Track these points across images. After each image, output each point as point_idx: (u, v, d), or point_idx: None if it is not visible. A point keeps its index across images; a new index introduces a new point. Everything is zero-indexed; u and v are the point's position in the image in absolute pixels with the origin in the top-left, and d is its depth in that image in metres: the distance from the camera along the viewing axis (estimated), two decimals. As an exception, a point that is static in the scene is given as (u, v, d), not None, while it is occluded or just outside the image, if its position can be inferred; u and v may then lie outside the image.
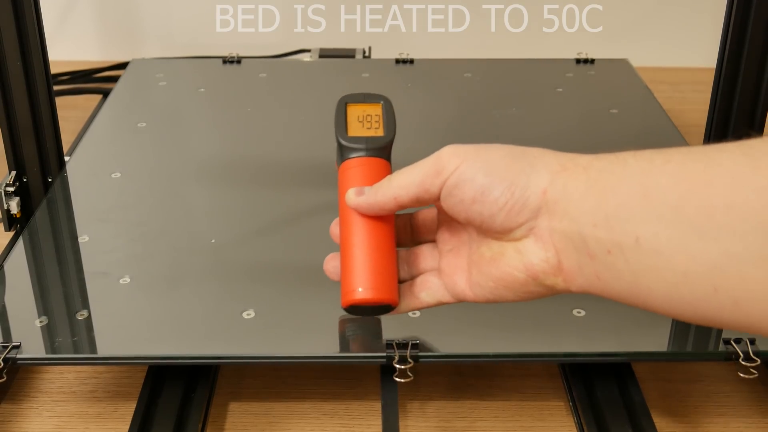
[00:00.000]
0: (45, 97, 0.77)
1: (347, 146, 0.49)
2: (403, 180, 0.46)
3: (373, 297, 0.45)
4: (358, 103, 0.52)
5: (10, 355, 0.58)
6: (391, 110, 0.52)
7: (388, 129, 0.50)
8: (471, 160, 0.44)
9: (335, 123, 0.50)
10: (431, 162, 0.45)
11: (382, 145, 0.49)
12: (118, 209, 0.76)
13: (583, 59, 1.04)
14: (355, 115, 0.51)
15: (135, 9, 1.25)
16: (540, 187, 0.42)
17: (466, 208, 0.43)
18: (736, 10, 0.73)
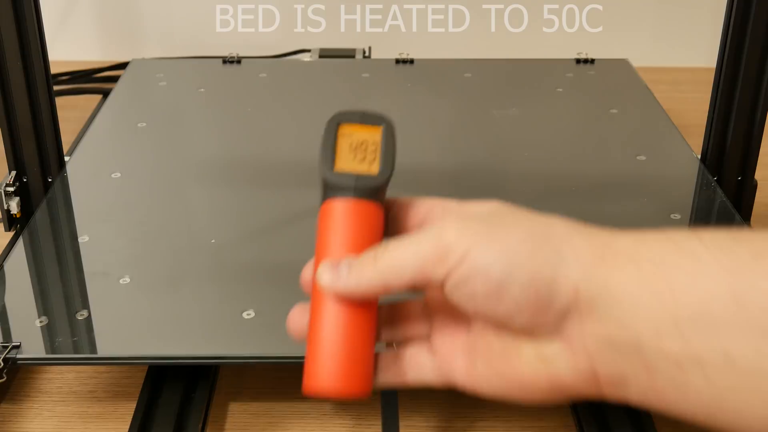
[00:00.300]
0: (45, 97, 0.77)
1: (331, 183, 0.40)
2: (396, 261, 0.37)
3: (339, 392, 0.38)
4: (354, 123, 0.41)
5: (10, 355, 0.58)
6: (392, 138, 0.41)
7: (385, 164, 0.40)
8: (483, 245, 0.35)
9: (321, 149, 0.41)
10: (432, 243, 0.36)
11: (375, 186, 0.40)
12: (118, 209, 0.76)
13: (583, 59, 1.04)
14: (348, 141, 0.41)
15: (135, 9, 1.25)
16: (570, 282, 0.34)
17: (476, 304, 0.36)
18: (736, 10, 0.73)
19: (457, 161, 0.84)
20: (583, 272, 0.34)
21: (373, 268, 0.37)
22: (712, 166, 0.80)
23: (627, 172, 0.81)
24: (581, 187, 0.79)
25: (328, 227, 0.41)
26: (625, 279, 0.34)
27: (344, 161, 0.40)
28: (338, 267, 0.38)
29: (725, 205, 0.75)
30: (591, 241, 0.36)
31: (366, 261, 0.38)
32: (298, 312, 0.41)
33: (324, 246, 0.41)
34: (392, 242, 0.37)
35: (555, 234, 0.36)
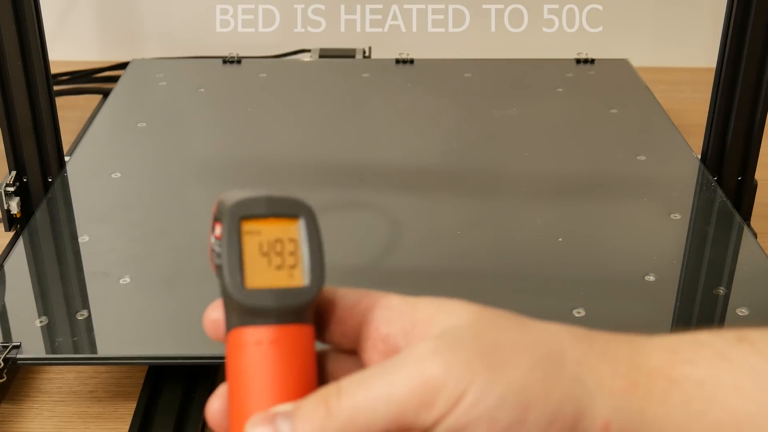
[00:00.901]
0: (45, 97, 0.77)
1: (244, 306, 0.29)
2: (361, 410, 0.27)
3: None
4: (260, 217, 0.30)
5: (10, 355, 0.58)
6: (315, 231, 0.31)
7: (312, 270, 0.30)
8: (483, 381, 0.27)
9: (223, 256, 0.30)
10: (412, 382, 0.27)
11: (303, 304, 0.30)
12: (118, 209, 0.76)
13: (583, 59, 1.04)
14: (256, 242, 0.30)
15: (135, 9, 1.24)
16: (599, 419, 0.28)
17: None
18: (736, 10, 0.73)
19: (456, 161, 0.84)
20: (613, 405, 0.28)
21: (328, 422, 0.28)
22: (712, 166, 0.80)
23: (627, 172, 0.81)
24: (581, 187, 0.79)
25: (245, 367, 0.30)
26: (668, 408, 0.28)
27: (257, 272, 0.29)
28: (275, 422, 0.28)
29: (725, 205, 0.75)
30: (615, 362, 0.29)
31: (316, 412, 0.28)
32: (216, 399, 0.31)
33: (242, 392, 0.30)
34: (351, 382, 0.28)
35: (567, 355, 0.29)
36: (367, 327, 0.32)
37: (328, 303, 0.32)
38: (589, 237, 0.72)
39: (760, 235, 0.74)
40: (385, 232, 0.72)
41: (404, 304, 0.31)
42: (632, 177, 0.80)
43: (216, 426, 0.31)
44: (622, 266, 0.68)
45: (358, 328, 0.32)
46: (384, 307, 0.32)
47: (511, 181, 0.80)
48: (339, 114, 0.93)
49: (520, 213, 0.75)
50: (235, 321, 0.30)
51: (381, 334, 0.31)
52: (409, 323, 0.31)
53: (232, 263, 0.29)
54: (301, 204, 0.31)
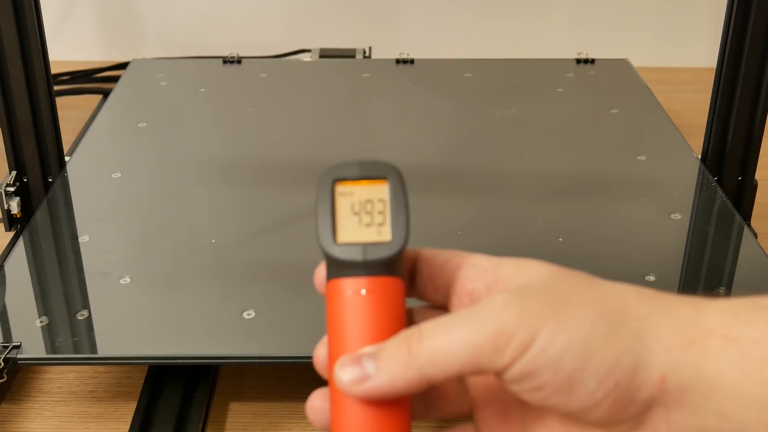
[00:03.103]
0: (45, 97, 0.77)
1: (336, 259, 0.33)
2: (440, 351, 0.30)
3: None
4: (351, 180, 0.34)
5: (10, 355, 0.58)
6: (402, 192, 0.33)
7: (396, 227, 0.33)
8: (550, 330, 0.30)
9: (317, 215, 0.34)
10: (488, 328, 0.30)
11: (389, 257, 0.32)
12: (118, 209, 0.76)
13: (583, 59, 1.04)
14: (348, 203, 0.33)
15: (135, 9, 1.25)
16: (656, 372, 0.30)
17: (543, 398, 0.31)
18: (736, 10, 0.73)
19: (457, 161, 0.84)
20: (670, 358, 0.30)
21: (409, 361, 0.30)
22: (712, 166, 0.80)
23: (627, 172, 0.81)
24: (581, 187, 0.79)
25: (340, 315, 0.33)
26: (723, 364, 0.29)
27: (347, 229, 0.33)
28: (361, 362, 0.31)
29: (725, 205, 0.75)
30: (675, 320, 0.31)
31: (398, 352, 0.31)
32: (317, 399, 0.35)
33: (337, 337, 0.33)
34: (431, 326, 0.31)
35: (631, 312, 0.31)
36: (455, 283, 0.35)
37: (422, 262, 0.36)
38: (589, 237, 0.72)
39: (760, 235, 0.75)
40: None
41: (489, 263, 0.35)
42: (632, 177, 0.80)
43: (321, 371, 0.36)
44: (622, 266, 0.68)
45: (448, 285, 0.35)
46: (471, 265, 0.35)
47: (511, 180, 0.80)
48: (339, 114, 0.93)
49: (521, 213, 0.75)
50: (332, 273, 0.34)
51: (467, 289, 0.35)
52: (492, 279, 0.34)
53: (325, 221, 0.33)
54: (389, 167, 0.33)
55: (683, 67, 1.24)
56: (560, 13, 1.24)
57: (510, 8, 1.23)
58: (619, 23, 1.24)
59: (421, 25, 1.24)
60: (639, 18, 1.24)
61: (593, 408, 0.30)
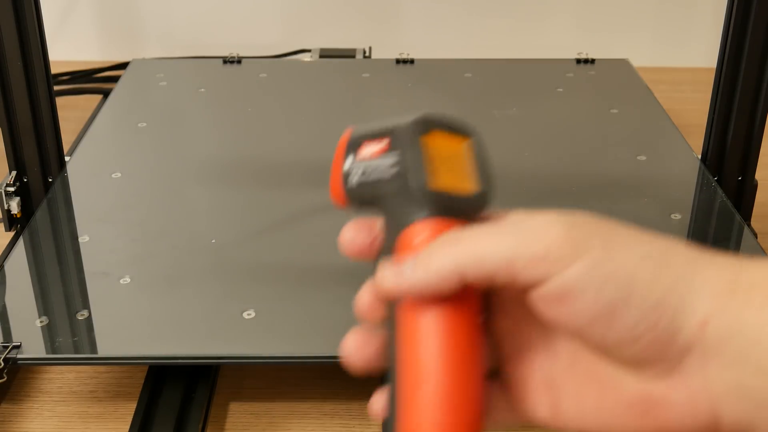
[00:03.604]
0: (45, 97, 0.77)
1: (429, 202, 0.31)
2: (480, 246, 0.30)
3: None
4: (443, 131, 0.33)
5: (10, 355, 0.58)
6: (482, 147, 0.35)
7: (484, 180, 0.34)
8: (597, 254, 0.29)
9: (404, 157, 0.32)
10: (531, 236, 0.29)
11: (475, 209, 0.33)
12: (118, 209, 0.76)
13: (583, 59, 1.04)
14: (437, 153, 0.33)
15: (135, 9, 1.25)
16: (698, 315, 0.29)
17: (577, 325, 0.30)
18: (736, 10, 0.73)
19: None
20: (714, 305, 0.29)
21: (446, 253, 0.30)
22: (712, 166, 0.80)
23: (627, 172, 0.81)
24: (581, 187, 0.79)
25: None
26: (764, 318, 0.28)
27: (439, 177, 0.32)
28: (401, 265, 0.31)
29: (725, 205, 0.75)
30: (720, 268, 0.30)
31: (435, 248, 0.30)
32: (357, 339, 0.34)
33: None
34: (473, 229, 0.31)
35: (679, 255, 0.30)
36: None
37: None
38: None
39: (760, 235, 0.75)
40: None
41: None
42: (632, 177, 0.80)
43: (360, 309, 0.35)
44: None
45: None
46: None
47: (511, 180, 0.80)
48: (339, 114, 0.93)
49: (520, 213, 0.75)
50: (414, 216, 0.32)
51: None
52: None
53: (417, 167, 0.31)
54: (470, 127, 0.34)
55: (683, 67, 1.24)
56: (560, 13, 1.24)
57: (510, 8, 1.23)
58: (619, 23, 1.24)
59: (421, 25, 1.24)
60: (639, 18, 1.24)
61: (631, 344, 0.29)
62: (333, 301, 0.64)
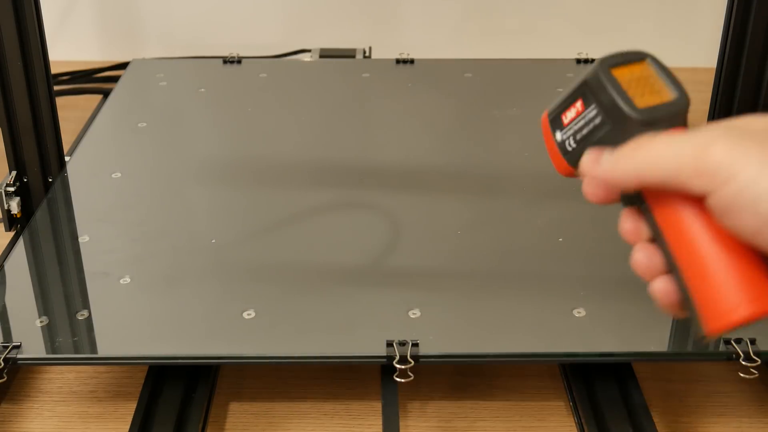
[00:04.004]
0: (45, 97, 0.77)
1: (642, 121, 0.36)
2: (652, 156, 0.34)
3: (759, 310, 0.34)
4: (621, 65, 0.40)
5: (10, 355, 0.58)
6: (661, 63, 0.39)
7: (677, 86, 0.37)
8: (753, 173, 0.31)
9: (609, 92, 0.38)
10: (695, 151, 0.32)
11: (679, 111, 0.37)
12: (118, 209, 0.76)
13: (583, 59, 1.04)
14: (627, 80, 0.39)
15: (135, 9, 1.25)
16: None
17: (747, 235, 0.32)
18: (736, 10, 0.73)
19: (457, 161, 0.84)
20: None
21: (630, 156, 0.35)
22: (712, 166, 0.80)
23: (627, 172, 0.81)
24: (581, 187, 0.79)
25: None
26: None
27: (637, 97, 0.37)
28: (600, 156, 0.37)
29: (725, 205, 0.75)
30: None
31: (627, 149, 0.35)
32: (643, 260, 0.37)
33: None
34: (660, 136, 0.35)
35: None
36: None
37: None
38: (590, 237, 0.72)
39: (760, 235, 0.74)
40: (385, 232, 0.72)
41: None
42: (632, 177, 0.80)
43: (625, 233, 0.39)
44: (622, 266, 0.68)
45: None
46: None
47: (511, 181, 0.80)
48: (339, 114, 0.93)
49: (521, 213, 0.75)
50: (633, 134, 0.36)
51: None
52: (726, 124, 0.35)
53: (621, 95, 0.37)
54: (644, 52, 0.39)
55: (683, 67, 1.24)
56: (560, 13, 1.23)
57: (510, 8, 1.23)
58: (619, 23, 1.24)
59: (421, 25, 1.24)
60: (639, 18, 1.24)
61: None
62: (333, 301, 0.64)
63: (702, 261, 0.35)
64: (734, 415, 0.63)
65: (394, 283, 0.66)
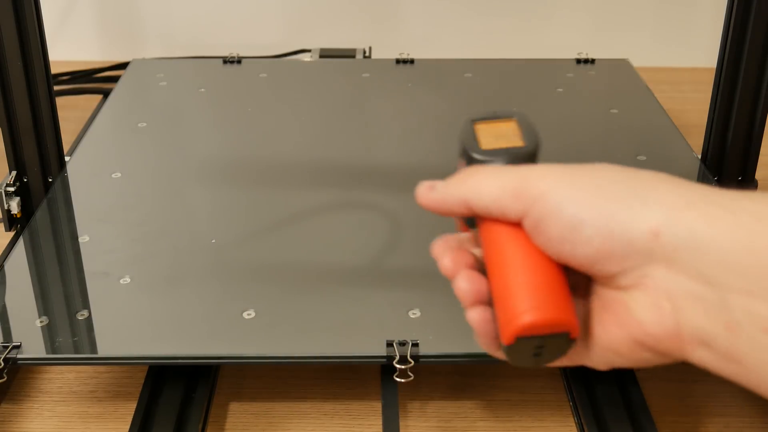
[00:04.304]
0: (45, 97, 0.77)
1: (480, 160, 0.41)
2: (478, 184, 0.37)
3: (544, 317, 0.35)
4: (484, 121, 0.44)
5: (10, 355, 0.58)
6: (530, 123, 0.43)
7: (530, 138, 0.41)
8: (560, 188, 0.35)
9: (463, 140, 0.43)
10: (515, 178, 0.36)
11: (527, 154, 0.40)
12: (118, 209, 0.76)
13: (583, 59, 1.04)
14: (487, 132, 0.43)
15: (135, 9, 1.25)
16: (648, 224, 0.32)
17: (555, 248, 0.35)
18: (736, 10, 0.73)
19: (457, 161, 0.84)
20: (665, 215, 0.32)
21: (459, 183, 0.38)
22: (713, 166, 0.80)
23: (627, 172, 0.81)
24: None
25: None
26: (716, 231, 0.30)
27: (487, 144, 0.41)
28: (432, 183, 0.40)
29: (725, 205, 0.75)
30: (683, 189, 0.33)
31: (457, 177, 0.39)
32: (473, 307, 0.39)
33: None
34: (488, 167, 0.38)
35: (640, 179, 0.34)
36: None
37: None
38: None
39: (760, 235, 0.74)
40: (385, 232, 0.72)
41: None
42: (632, 177, 0.80)
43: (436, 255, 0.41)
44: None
45: None
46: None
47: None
48: (339, 114, 0.93)
49: (520, 213, 0.75)
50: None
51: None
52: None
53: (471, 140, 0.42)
54: (516, 111, 0.43)
55: (683, 67, 1.24)
56: (560, 13, 1.23)
57: (510, 8, 1.23)
58: (619, 23, 1.24)
59: (421, 25, 1.24)
60: (639, 18, 1.24)
61: (594, 255, 0.33)
62: (333, 301, 0.64)
63: (505, 273, 0.37)
64: (734, 415, 0.63)
65: (394, 283, 0.66)
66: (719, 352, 0.32)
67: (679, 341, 0.33)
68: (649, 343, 0.33)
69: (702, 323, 0.31)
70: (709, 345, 0.32)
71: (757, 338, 0.30)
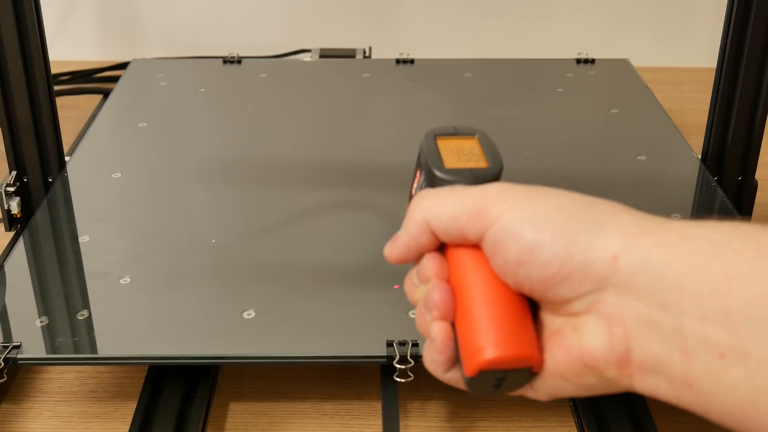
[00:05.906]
0: (45, 97, 0.77)
1: (445, 180, 0.40)
2: (437, 203, 0.37)
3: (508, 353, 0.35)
4: (447, 137, 0.43)
5: (10, 355, 0.58)
6: (490, 142, 0.43)
7: (494, 158, 0.41)
8: (519, 209, 0.35)
9: (425, 156, 0.42)
10: (472, 199, 0.36)
11: (491, 176, 0.40)
12: (118, 209, 0.76)
13: (583, 59, 1.04)
14: (449, 149, 0.42)
15: (135, 9, 1.25)
16: (608, 250, 0.33)
17: (511, 270, 0.35)
18: (736, 10, 0.73)
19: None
20: (623, 242, 0.32)
21: (419, 203, 0.38)
22: (713, 166, 0.80)
23: (627, 172, 0.81)
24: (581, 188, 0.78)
25: None
26: (672, 257, 0.31)
27: (451, 163, 0.41)
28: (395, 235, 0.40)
29: (725, 205, 0.75)
30: (637, 217, 0.34)
31: (417, 197, 0.39)
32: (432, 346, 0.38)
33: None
34: (448, 188, 0.38)
35: (598, 206, 0.35)
36: None
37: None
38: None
39: (760, 235, 0.74)
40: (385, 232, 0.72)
41: None
42: (632, 177, 0.80)
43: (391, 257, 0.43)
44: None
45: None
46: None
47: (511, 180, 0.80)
48: (339, 114, 0.93)
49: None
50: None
51: None
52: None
53: (435, 158, 0.40)
54: (477, 129, 0.43)
55: (683, 67, 1.24)
56: (560, 13, 1.23)
57: (510, 8, 1.23)
58: (619, 23, 1.24)
59: (421, 25, 1.24)
60: (639, 18, 1.24)
61: (551, 279, 0.33)
62: (333, 301, 0.64)
63: (471, 303, 0.36)
64: (734, 415, 0.63)
65: (394, 283, 0.66)
66: (673, 378, 0.31)
67: (628, 368, 0.33)
68: (598, 368, 0.33)
69: (656, 349, 0.31)
70: (661, 371, 0.32)
71: (711, 364, 0.30)
